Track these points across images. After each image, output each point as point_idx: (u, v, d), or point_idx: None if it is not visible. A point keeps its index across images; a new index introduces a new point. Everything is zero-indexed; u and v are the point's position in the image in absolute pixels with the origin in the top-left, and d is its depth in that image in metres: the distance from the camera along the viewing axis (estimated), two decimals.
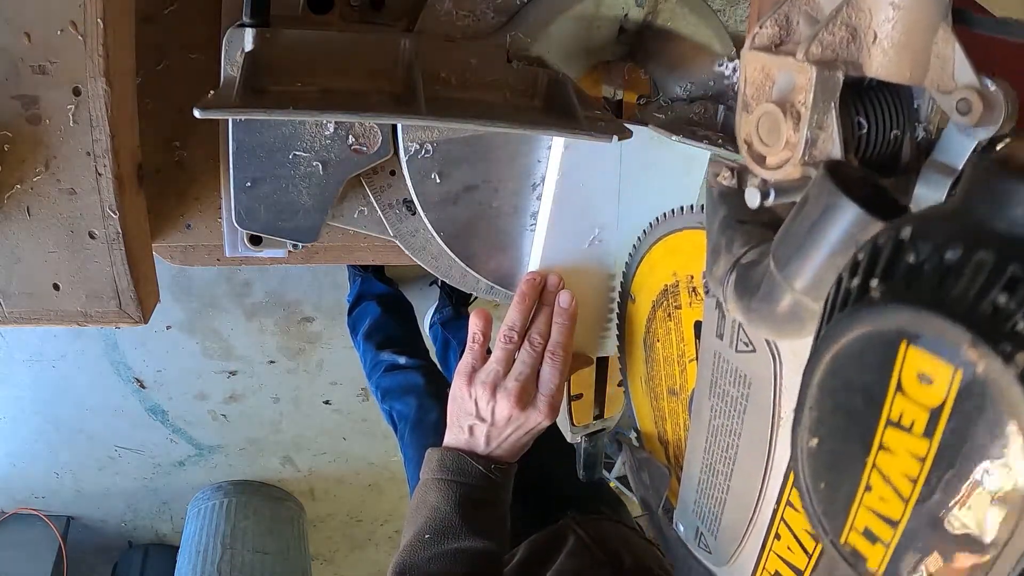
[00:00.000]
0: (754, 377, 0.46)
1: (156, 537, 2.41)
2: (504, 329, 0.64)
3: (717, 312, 0.48)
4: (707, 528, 0.55)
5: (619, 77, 0.68)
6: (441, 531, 0.61)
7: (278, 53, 0.53)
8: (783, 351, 0.44)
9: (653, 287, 0.62)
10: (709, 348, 0.50)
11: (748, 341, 0.46)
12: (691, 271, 0.57)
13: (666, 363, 0.63)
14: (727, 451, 0.50)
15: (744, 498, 0.50)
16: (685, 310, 0.59)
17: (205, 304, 1.91)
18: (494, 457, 0.65)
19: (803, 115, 0.38)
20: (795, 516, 0.46)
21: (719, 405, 0.50)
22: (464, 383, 0.64)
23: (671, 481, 0.64)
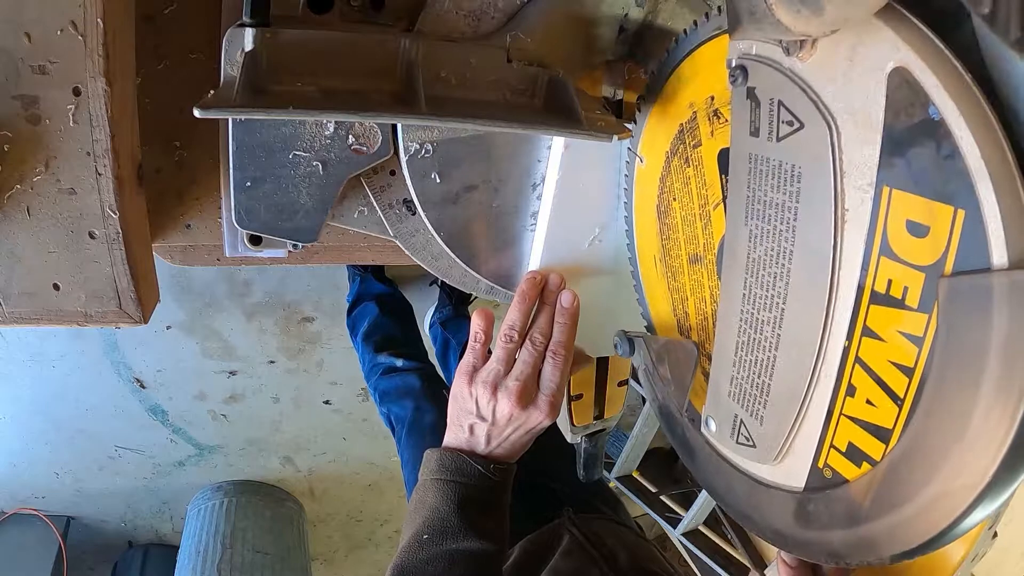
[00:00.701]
0: (805, 164, 0.38)
1: (156, 537, 2.41)
2: (505, 328, 0.64)
3: (749, 103, 0.41)
4: (749, 411, 0.45)
5: (619, 77, 0.68)
6: (440, 531, 0.61)
7: (278, 53, 0.53)
8: (837, 112, 0.36)
9: (666, 134, 0.55)
10: (743, 156, 0.42)
11: (792, 118, 0.38)
12: (711, 91, 0.49)
13: (685, 225, 0.55)
14: (774, 286, 0.41)
15: (800, 347, 0.40)
16: (706, 144, 0.50)
17: (205, 304, 1.91)
18: (494, 457, 0.65)
19: None
20: (876, 349, 0.37)
21: (760, 226, 0.41)
22: (465, 382, 0.64)
23: (696, 376, 0.55)
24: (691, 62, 0.50)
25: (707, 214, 0.52)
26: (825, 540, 0.42)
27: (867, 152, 0.35)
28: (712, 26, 0.47)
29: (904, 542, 0.37)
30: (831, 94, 0.36)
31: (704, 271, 0.54)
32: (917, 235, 0.34)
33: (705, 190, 0.52)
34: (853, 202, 0.37)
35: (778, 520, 0.46)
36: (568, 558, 0.80)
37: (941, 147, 0.32)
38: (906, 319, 0.35)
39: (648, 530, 2.42)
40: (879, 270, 0.36)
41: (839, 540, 0.41)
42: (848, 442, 0.40)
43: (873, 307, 0.37)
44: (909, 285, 0.35)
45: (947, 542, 0.35)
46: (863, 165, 0.36)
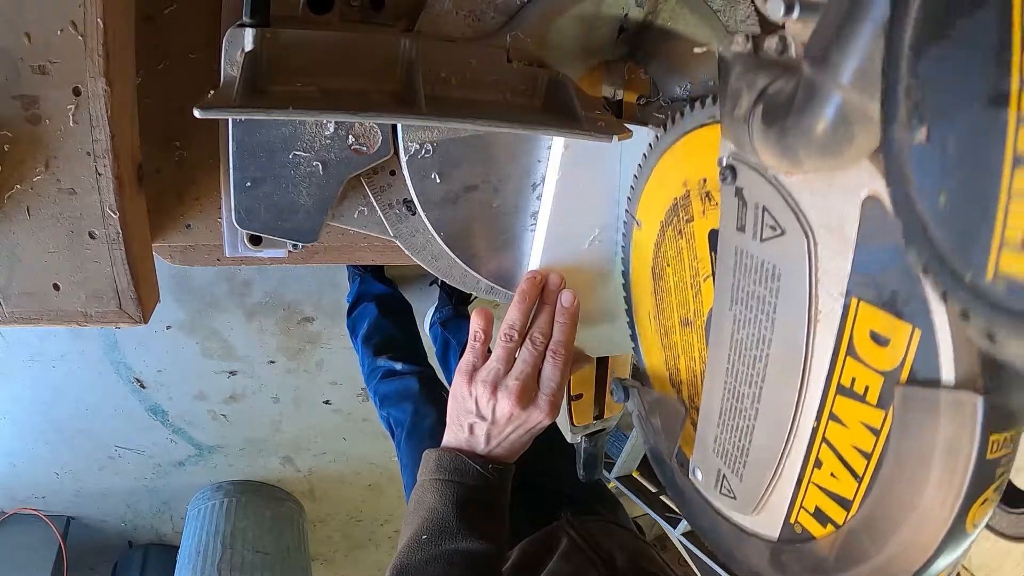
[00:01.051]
0: (784, 266, 0.41)
1: (156, 537, 2.42)
2: (505, 328, 0.64)
3: (737, 201, 0.44)
4: (730, 468, 0.50)
5: (619, 77, 0.68)
6: (439, 532, 0.61)
7: (278, 53, 0.53)
8: (816, 226, 0.39)
9: (661, 205, 0.57)
10: (729, 246, 0.45)
11: (775, 224, 0.41)
12: (703, 174, 0.52)
13: (677, 290, 0.58)
14: (754, 366, 0.45)
15: (775, 421, 0.45)
16: (698, 221, 0.54)
17: (205, 304, 1.91)
18: (493, 456, 0.65)
19: None
20: (840, 432, 0.41)
21: (743, 313, 0.45)
22: (465, 381, 0.64)
23: (686, 425, 0.60)
24: (687, 141, 0.53)
25: (697, 284, 0.55)
26: None
27: (840, 264, 0.38)
28: (708, 113, 0.49)
29: None
30: (811, 208, 0.39)
31: (694, 334, 0.57)
32: (879, 343, 0.38)
33: (696, 263, 0.55)
34: (825, 306, 0.40)
35: (756, 563, 0.51)
36: (567, 560, 0.80)
37: (904, 272, 0.35)
38: (866, 412, 0.39)
39: (648, 530, 2.42)
40: (845, 368, 0.40)
41: None
42: (815, 505, 0.44)
43: (839, 397, 0.41)
44: (870, 385, 0.39)
45: None
46: (836, 275, 0.39)
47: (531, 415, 0.63)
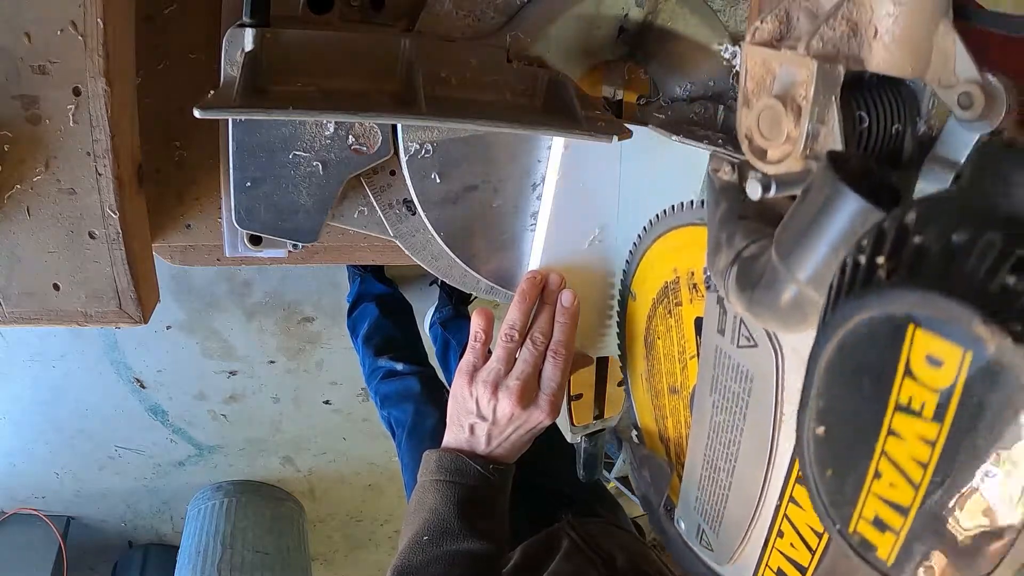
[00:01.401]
0: (756, 373, 0.46)
1: (156, 537, 2.41)
2: (505, 328, 0.64)
3: (718, 308, 0.48)
4: (709, 525, 0.55)
5: (619, 77, 0.68)
6: (439, 533, 0.61)
7: (278, 53, 0.53)
8: (785, 347, 0.43)
9: (654, 284, 0.62)
10: (710, 344, 0.49)
11: (750, 336, 0.46)
12: (692, 267, 0.56)
13: (667, 360, 0.63)
14: (729, 447, 0.50)
15: (746, 495, 0.50)
16: (686, 307, 0.58)
17: (205, 304, 1.91)
18: (494, 457, 0.65)
19: (804, 109, 0.37)
20: (798, 512, 0.46)
21: (720, 401, 0.50)
22: (465, 382, 0.64)
23: (672, 478, 0.64)
24: (680, 234, 0.57)
25: (684, 360, 0.60)
26: None
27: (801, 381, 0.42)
28: (699, 214, 0.54)
29: None
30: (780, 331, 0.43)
31: (680, 402, 0.62)
32: None
33: (683, 342, 0.60)
34: (788, 411, 0.44)
35: None
36: (568, 562, 0.80)
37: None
38: None
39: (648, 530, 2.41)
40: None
41: None
42: (778, 567, 0.49)
43: (797, 485, 0.46)
44: None
45: None
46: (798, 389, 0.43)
47: (532, 415, 0.63)
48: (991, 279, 0.21)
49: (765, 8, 0.42)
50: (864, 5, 0.37)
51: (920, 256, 0.23)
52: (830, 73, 0.37)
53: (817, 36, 0.37)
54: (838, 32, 0.37)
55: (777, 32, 0.41)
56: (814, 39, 0.37)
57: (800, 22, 0.41)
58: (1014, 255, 0.21)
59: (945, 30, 0.35)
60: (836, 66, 0.37)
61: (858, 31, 0.37)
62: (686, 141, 0.60)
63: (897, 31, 0.36)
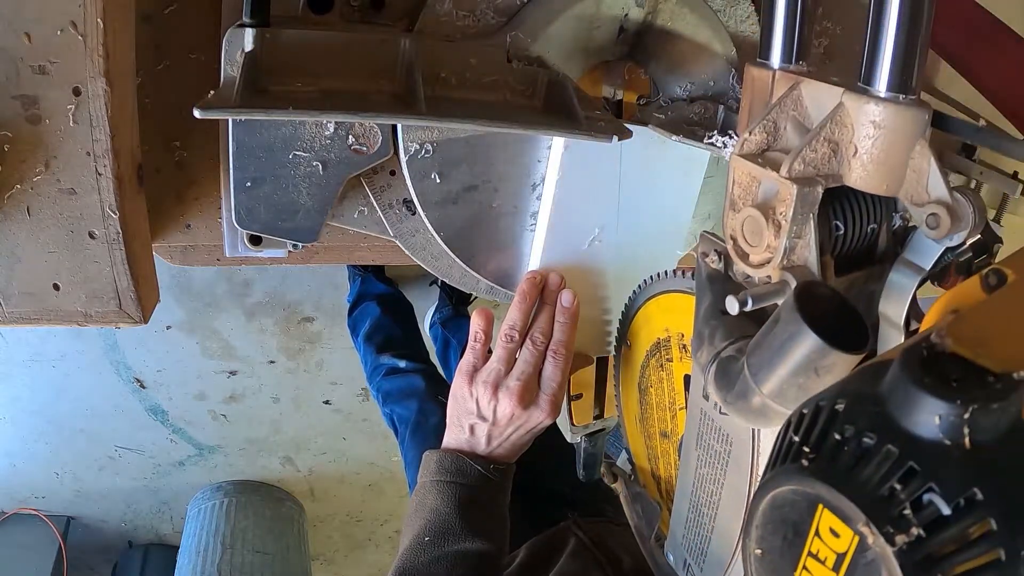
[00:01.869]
0: (735, 438, 0.49)
1: (156, 537, 2.41)
2: (505, 328, 0.64)
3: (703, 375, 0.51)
4: (694, 560, 0.58)
5: (619, 77, 0.68)
6: (441, 533, 0.61)
7: (278, 53, 0.53)
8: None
9: (647, 338, 0.65)
10: (696, 405, 0.52)
11: None
12: (682, 330, 0.60)
13: (658, 408, 0.65)
14: (711, 496, 0.53)
15: (726, 538, 0.53)
16: (676, 364, 0.61)
17: (205, 304, 1.91)
18: (494, 457, 0.65)
19: (783, 226, 0.41)
20: None
21: (704, 456, 0.53)
22: (465, 382, 0.64)
23: (663, 513, 0.67)
24: (671, 298, 0.60)
25: (674, 410, 0.63)
26: None
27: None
28: (688, 284, 0.57)
29: None
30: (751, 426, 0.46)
31: (671, 446, 0.65)
32: None
33: (673, 394, 0.63)
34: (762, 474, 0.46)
35: None
36: (574, 560, 0.80)
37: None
38: None
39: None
40: None
41: None
42: None
43: None
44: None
45: None
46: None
47: (532, 415, 0.63)
48: (882, 484, 0.26)
49: (754, 119, 0.45)
50: (846, 125, 0.40)
51: (837, 450, 0.28)
52: (809, 195, 0.40)
53: (799, 159, 0.40)
54: (819, 154, 0.40)
55: (764, 143, 0.44)
56: (796, 161, 0.40)
57: (787, 132, 0.44)
58: (904, 467, 0.26)
59: (921, 150, 0.38)
60: (815, 188, 0.40)
61: (839, 151, 0.41)
62: (686, 141, 0.60)
63: (876, 151, 0.39)
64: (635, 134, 0.58)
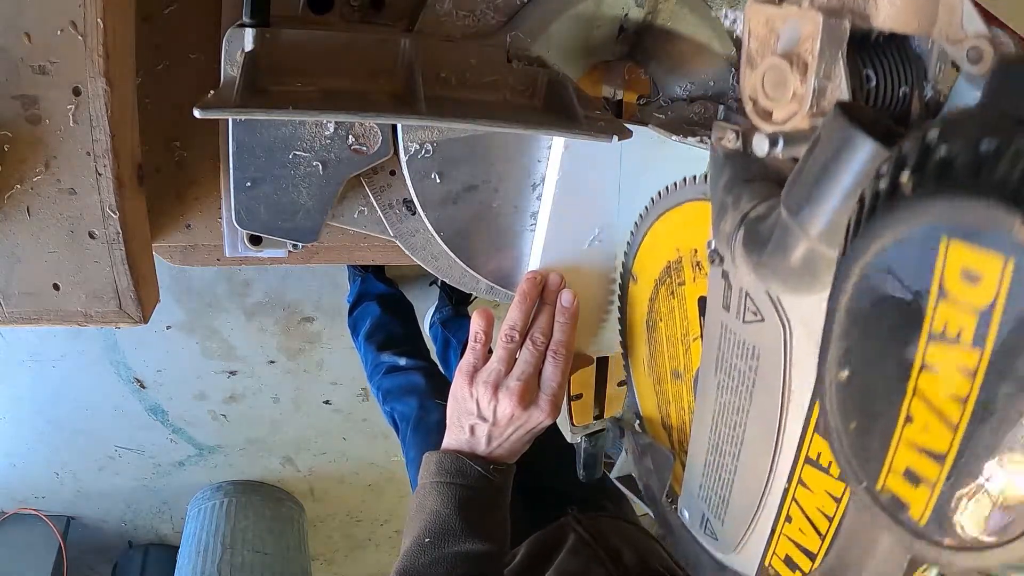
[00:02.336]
0: (762, 348, 0.44)
1: (156, 537, 2.41)
2: (505, 328, 0.64)
3: (723, 282, 0.46)
4: (713, 513, 0.54)
5: (619, 77, 0.68)
6: (441, 534, 0.61)
7: (278, 53, 0.53)
8: (792, 319, 0.41)
9: (655, 265, 0.60)
10: (715, 321, 0.48)
11: (756, 310, 0.44)
12: (695, 245, 0.55)
13: (669, 344, 0.61)
14: (734, 429, 0.49)
15: (752, 479, 0.48)
16: (689, 286, 0.57)
17: (205, 304, 1.91)
18: (494, 457, 0.65)
19: (811, 64, 0.36)
20: (808, 496, 0.45)
21: (726, 381, 0.48)
22: (465, 382, 0.64)
23: (675, 466, 0.62)
24: (681, 212, 0.56)
25: (687, 342, 0.59)
26: None
27: (811, 355, 0.40)
28: (701, 189, 0.52)
29: None
30: (789, 303, 0.41)
31: (684, 386, 0.60)
32: None
33: (686, 323, 0.58)
34: (797, 388, 0.43)
35: None
36: (574, 556, 0.80)
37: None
38: (829, 483, 0.43)
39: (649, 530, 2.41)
40: (812, 442, 0.43)
41: None
42: (786, 554, 0.48)
43: (806, 467, 0.44)
44: (832, 461, 0.41)
45: None
46: (807, 365, 0.41)
47: (532, 415, 0.63)
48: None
49: None
50: None
51: (947, 167, 0.21)
52: (836, 27, 0.35)
53: None
54: None
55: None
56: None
57: None
58: None
59: None
60: (841, 20, 0.35)
61: None
62: (686, 141, 0.60)
63: None
64: (635, 134, 0.58)
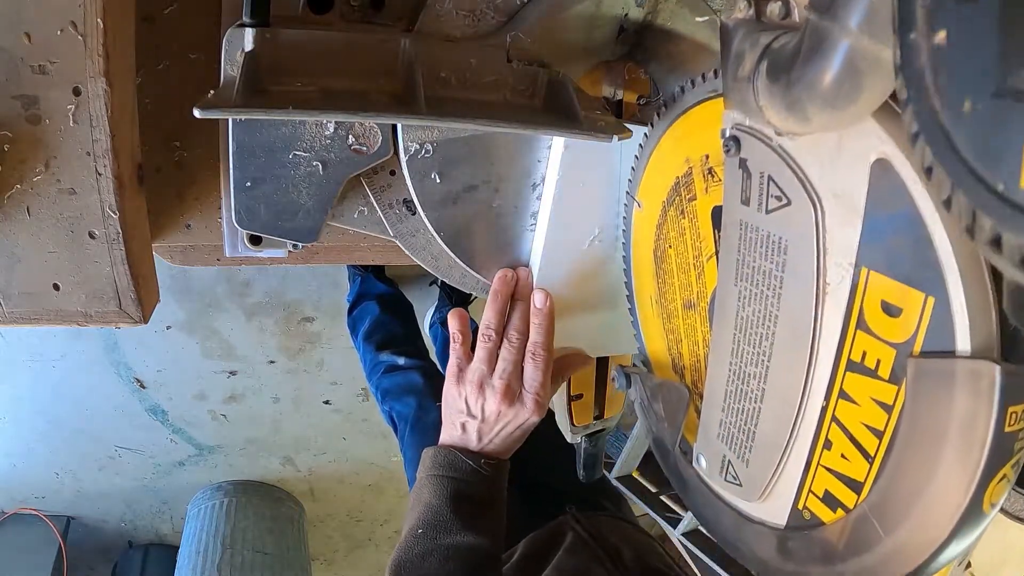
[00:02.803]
0: (790, 238, 0.40)
1: (156, 537, 2.41)
2: (482, 328, 0.65)
3: (741, 172, 0.42)
4: (736, 453, 0.48)
5: (619, 77, 0.68)
6: (433, 526, 0.62)
7: (278, 53, 0.53)
8: (823, 194, 0.38)
9: (663, 184, 0.56)
10: (733, 220, 0.44)
11: (780, 194, 0.40)
12: (706, 150, 0.50)
13: (680, 272, 0.57)
14: (760, 345, 0.44)
15: (783, 401, 0.43)
16: (701, 199, 0.52)
17: (205, 304, 1.91)
18: (486, 452, 0.66)
19: None
20: (851, 411, 0.40)
21: (748, 289, 0.44)
22: (453, 383, 0.66)
23: (689, 412, 0.57)
24: (688, 119, 0.52)
25: (700, 265, 0.54)
26: (804, 573, 0.46)
27: (848, 234, 0.37)
28: (708, 87, 0.49)
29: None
30: (818, 176, 0.38)
31: (697, 317, 0.56)
32: (891, 314, 0.36)
33: (699, 243, 0.53)
34: (834, 278, 0.39)
35: (762, 551, 0.49)
36: (572, 555, 0.80)
37: (916, 237, 0.34)
38: (878, 388, 0.38)
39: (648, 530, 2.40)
40: (855, 342, 0.39)
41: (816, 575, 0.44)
42: (824, 490, 0.43)
43: (849, 374, 0.40)
44: (881, 359, 0.37)
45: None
46: (844, 245, 0.38)
47: (518, 413, 0.64)
48: None
49: None
50: None
51: None
52: None
53: None
54: None
55: None
56: None
57: None
58: None
59: None
60: None
61: None
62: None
63: None
64: (635, 134, 0.58)
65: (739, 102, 0.39)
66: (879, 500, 0.39)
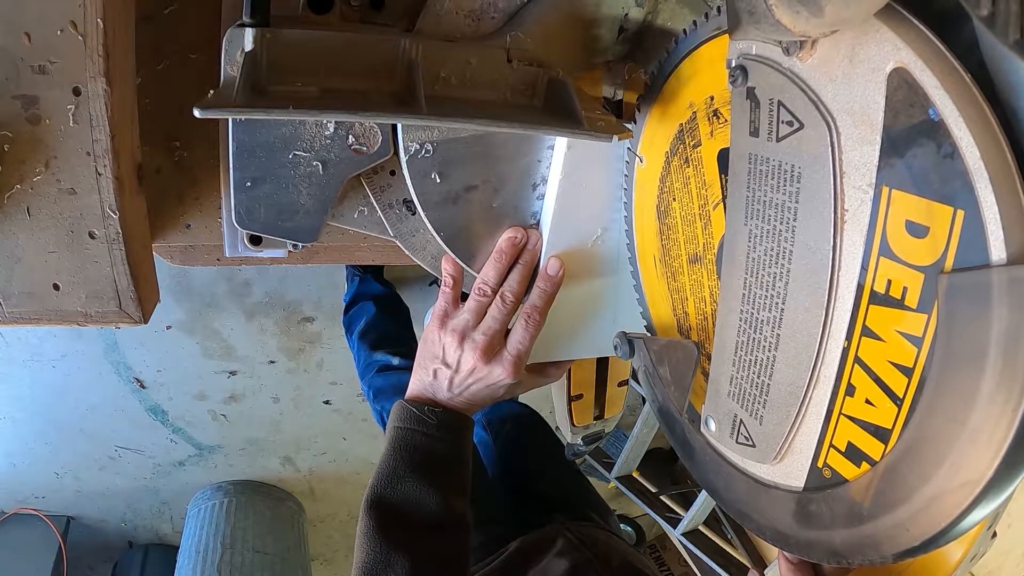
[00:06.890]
0: (804, 164, 0.38)
1: (156, 537, 2.41)
2: (478, 282, 0.65)
3: (749, 103, 0.41)
4: (748, 411, 0.45)
5: (619, 77, 0.68)
6: (389, 476, 0.62)
7: (278, 53, 0.53)
8: (837, 112, 0.36)
9: (665, 134, 0.55)
10: (742, 155, 0.42)
11: (792, 119, 0.38)
12: (710, 91, 0.49)
13: (685, 224, 0.55)
14: (774, 286, 0.41)
15: (800, 347, 0.40)
16: (706, 144, 0.50)
17: (205, 304, 1.91)
18: (453, 405, 0.66)
19: None
20: (876, 349, 0.37)
21: (760, 226, 0.41)
22: (436, 326, 0.66)
23: (696, 377, 0.55)
24: (690, 62, 0.50)
25: (707, 214, 0.52)
26: (826, 540, 0.42)
27: (866, 152, 0.36)
28: (711, 26, 0.47)
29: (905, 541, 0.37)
30: (831, 94, 0.36)
31: (704, 271, 0.54)
32: (916, 235, 0.34)
33: (705, 190, 0.52)
34: (852, 202, 0.37)
35: (778, 520, 0.46)
36: (562, 558, 0.80)
37: (940, 148, 0.32)
38: (905, 319, 0.35)
39: (648, 530, 2.41)
40: (878, 270, 0.36)
41: (840, 540, 0.41)
42: (848, 442, 0.40)
43: (872, 307, 0.37)
44: (908, 285, 0.35)
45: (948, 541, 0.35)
46: (862, 165, 0.36)
47: (493, 371, 0.64)
48: None
49: None
50: None
51: None
52: None
53: None
54: None
55: None
56: None
57: None
58: None
59: None
60: None
61: None
62: None
63: None
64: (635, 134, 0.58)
65: (746, 12, 0.37)
66: (910, 446, 0.36)
